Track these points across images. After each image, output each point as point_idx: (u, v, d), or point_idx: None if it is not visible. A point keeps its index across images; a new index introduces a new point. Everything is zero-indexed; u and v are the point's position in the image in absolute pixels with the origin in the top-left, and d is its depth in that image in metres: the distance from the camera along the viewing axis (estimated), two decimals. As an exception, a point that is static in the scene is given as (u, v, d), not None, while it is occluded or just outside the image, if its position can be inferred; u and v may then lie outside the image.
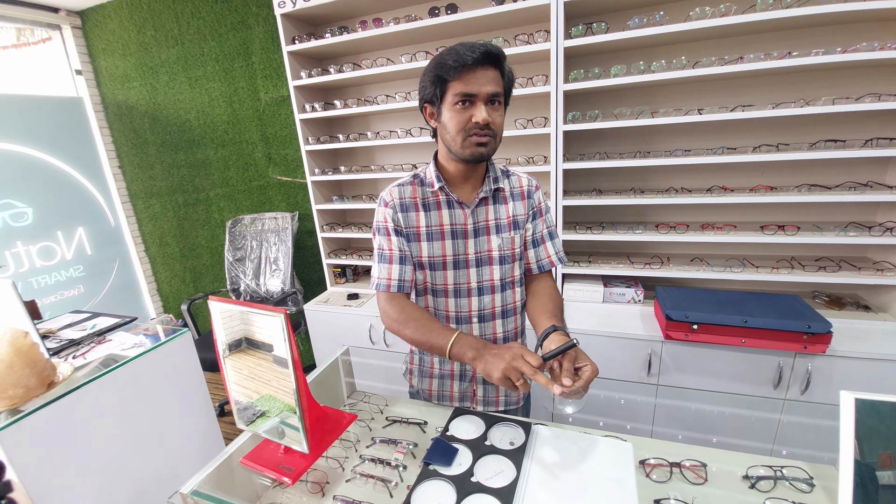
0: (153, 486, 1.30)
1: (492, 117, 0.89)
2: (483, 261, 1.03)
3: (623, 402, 1.12)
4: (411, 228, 1.03)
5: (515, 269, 1.06)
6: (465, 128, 0.90)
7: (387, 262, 1.02)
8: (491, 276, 1.04)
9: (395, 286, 1.01)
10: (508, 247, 1.03)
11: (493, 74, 0.88)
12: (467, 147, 0.91)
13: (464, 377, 1.12)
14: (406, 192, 1.03)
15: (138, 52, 2.78)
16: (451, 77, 0.87)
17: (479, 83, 0.87)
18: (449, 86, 0.89)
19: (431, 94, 0.92)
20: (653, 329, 1.69)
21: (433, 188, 1.01)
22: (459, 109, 0.89)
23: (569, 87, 1.72)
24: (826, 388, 1.50)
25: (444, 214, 1.02)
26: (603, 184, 2.02)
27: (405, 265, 1.02)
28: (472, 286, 1.04)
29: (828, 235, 1.61)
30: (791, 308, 1.54)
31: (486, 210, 1.03)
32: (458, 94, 0.88)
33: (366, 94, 2.29)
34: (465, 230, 1.02)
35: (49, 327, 1.54)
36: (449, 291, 1.05)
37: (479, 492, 0.73)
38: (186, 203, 3.03)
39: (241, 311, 0.74)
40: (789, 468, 0.79)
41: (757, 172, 1.80)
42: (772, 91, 1.70)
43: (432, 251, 1.02)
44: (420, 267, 1.05)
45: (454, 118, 0.90)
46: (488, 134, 0.90)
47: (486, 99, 0.88)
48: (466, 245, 1.02)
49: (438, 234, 1.02)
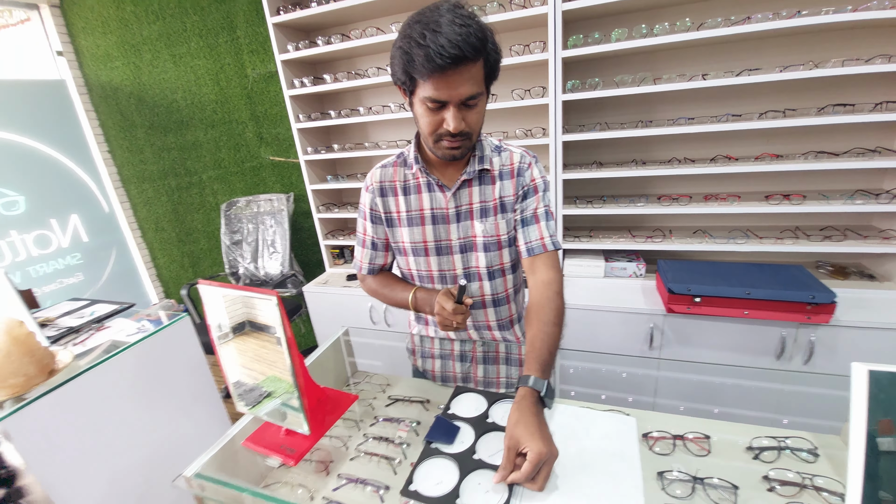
0: (162, 469, 1.32)
1: (467, 120, 0.80)
2: (468, 247, 0.97)
3: (625, 376, 1.11)
4: (391, 213, 0.99)
5: (505, 256, 0.98)
6: (437, 131, 0.82)
7: (360, 246, 1.07)
8: (477, 262, 0.98)
9: (366, 269, 1.07)
10: (493, 232, 0.95)
11: (470, 73, 0.75)
12: (439, 149, 0.85)
13: (464, 358, 1.11)
14: (387, 175, 0.98)
15: (119, 30, 2.67)
16: (421, 78, 0.75)
17: (450, 88, 0.75)
18: (418, 84, 0.77)
19: (402, 81, 0.81)
20: (655, 303, 1.69)
21: (412, 170, 0.95)
22: (429, 110, 0.79)
23: (568, 53, 1.65)
24: (829, 358, 1.51)
25: (424, 198, 0.96)
26: (603, 156, 1.97)
27: (377, 251, 1.05)
28: (457, 273, 1.00)
29: (834, 204, 1.58)
30: (795, 278, 1.52)
31: (470, 192, 0.94)
32: (427, 98, 0.77)
33: (356, 67, 2.21)
34: (445, 215, 0.95)
35: (47, 315, 1.53)
36: (434, 278, 1.02)
37: (481, 468, 0.73)
38: (179, 187, 2.98)
39: (243, 296, 0.72)
40: (793, 439, 0.78)
41: (762, 140, 1.75)
42: (779, 53, 1.63)
43: (413, 237, 0.98)
44: (402, 253, 1.02)
45: (425, 117, 0.81)
46: (461, 139, 0.82)
47: (461, 103, 0.78)
48: (449, 230, 0.96)
49: (419, 218, 0.97)
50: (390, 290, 1.04)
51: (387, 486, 0.76)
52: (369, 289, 1.09)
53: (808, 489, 0.69)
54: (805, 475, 0.71)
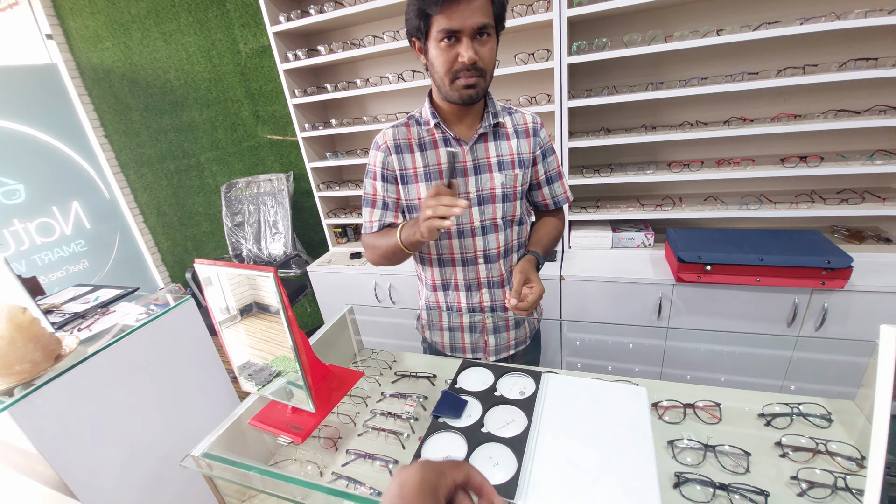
0: (177, 449, 1.34)
1: (479, 54, 0.84)
2: (485, 199, 1.00)
3: (631, 347, 1.10)
4: (407, 170, 1.00)
5: (517, 208, 1.03)
6: (452, 69, 0.85)
7: (370, 206, 1.05)
8: (494, 214, 1.01)
9: (376, 227, 1.05)
10: (511, 184, 1.00)
11: (479, 3, 0.81)
12: (455, 90, 0.88)
13: (474, 329, 1.11)
14: (401, 133, 1.00)
15: (106, 8, 2.58)
16: (434, 11, 0.81)
17: (463, 16, 0.80)
18: (433, 20, 0.83)
19: (416, 28, 0.86)
20: (664, 273, 1.65)
21: (429, 126, 0.98)
22: (445, 47, 0.84)
23: (573, 12, 1.56)
24: (842, 324, 1.48)
25: (441, 153, 0.99)
26: (611, 122, 1.90)
27: (387, 210, 1.04)
28: (475, 226, 1.01)
29: (853, 165, 1.51)
30: (810, 243, 1.48)
31: (487, 147, 0.99)
32: (442, 31, 0.82)
33: (351, 37, 2.12)
34: (464, 167, 0.98)
35: (52, 302, 1.53)
36: (452, 233, 1.02)
37: (490, 441, 0.72)
38: (178, 170, 2.94)
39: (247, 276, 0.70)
40: (806, 404, 0.77)
41: (780, 99, 1.67)
42: (799, 5, 1.53)
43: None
44: (419, 209, 1.00)
45: (440, 57, 0.85)
46: (475, 74, 0.86)
47: (473, 33, 0.82)
48: (467, 183, 0.99)
49: (437, 173, 0.99)
50: (382, 238, 1.01)
51: (395, 460, 0.76)
52: (368, 245, 1.06)
53: (822, 454, 0.68)
54: (819, 440, 0.69)
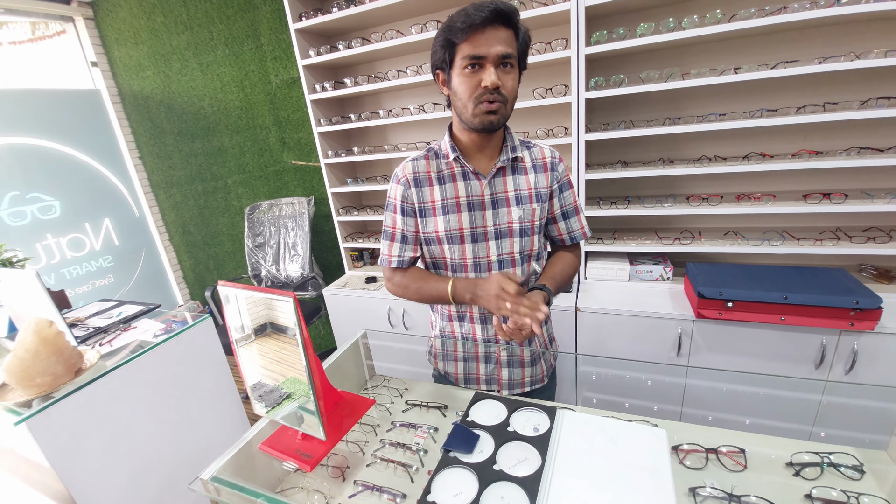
0: (183, 469, 1.34)
1: (502, 81, 0.85)
2: (503, 233, 1.00)
3: (650, 384, 1.07)
4: (426, 203, 1.01)
5: (535, 243, 1.03)
6: (475, 94, 0.86)
7: (389, 240, 1.05)
8: (511, 248, 1.01)
9: (395, 262, 1.05)
10: (529, 219, 1.00)
11: (504, 35, 0.83)
12: (477, 115, 0.88)
13: (489, 360, 1.09)
14: (420, 167, 1.01)
15: (149, 40, 2.77)
16: (460, 39, 0.84)
17: (488, 44, 0.82)
18: (458, 48, 0.85)
19: (441, 59, 0.89)
20: (683, 307, 1.61)
21: (448, 159, 0.99)
22: (469, 74, 0.85)
23: (591, 50, 1.60)
24: (872, 367, 1.41)
25: (459, 186, 0.99)
26: (628, 155, 1.91)
27: (406, 244, 1.04)
28: (491, 260, 1.01)
29: (878, 203, 1.47)
30: (836, 282, 1.43)
31: (505, 181, 0.99)
32: (466, 57, 0.84)
33: (376, 70, 2.22)
34: (482, 202, 0.99)
35: (77, 316, 1.58)
36: (469, 266, 1.02)
37: (502, 480, 0.70)
38: (206, 191, 3.06)
39: (264, 298, 0.72)
40: (837, 454, 0.73)
41: (800, 136, 1.66)
42: (818, 45, 1.54)
43: (449, 224, 0.99)
44: (437, 242, 1.02)
45: (463, 83, 0.87)
46: (498, 99, 0.86)
47: (497, 61, 0.84)
48: (485, 217, 1.00)
49: (454, 206, 1.00)
50: (424, 283, 1.03)
51: (403, 494, 0.74)
52: (398, 284, 1.06)
53: (856, 510, 0.64)
54: (851, 493, 0.65)
